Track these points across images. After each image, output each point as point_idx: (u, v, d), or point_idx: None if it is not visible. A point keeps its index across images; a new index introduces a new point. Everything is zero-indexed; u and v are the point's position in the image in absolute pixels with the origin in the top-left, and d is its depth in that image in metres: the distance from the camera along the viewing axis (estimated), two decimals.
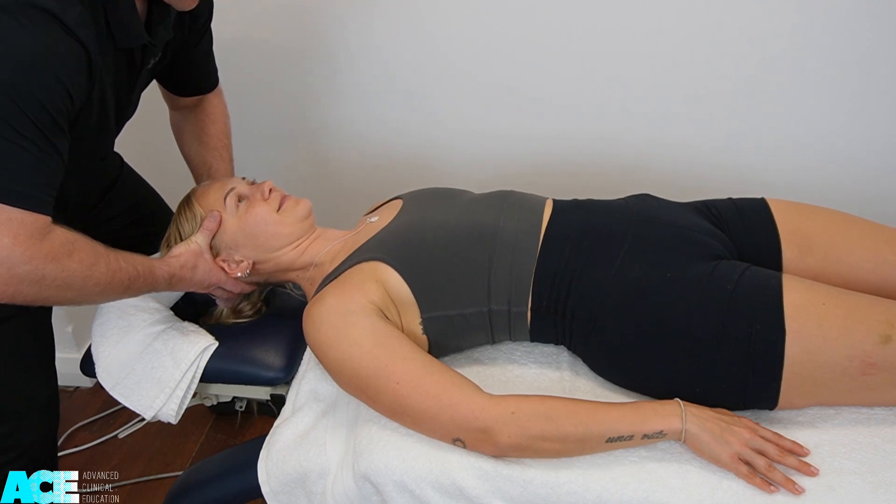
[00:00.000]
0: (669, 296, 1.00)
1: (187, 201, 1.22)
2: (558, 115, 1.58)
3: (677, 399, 0.96)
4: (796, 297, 0.96)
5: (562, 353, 1.13)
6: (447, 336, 1.09)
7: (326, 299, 1.03)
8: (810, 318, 0.94)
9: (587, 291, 1.04)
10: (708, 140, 1.54)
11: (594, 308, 1.04)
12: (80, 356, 1.24)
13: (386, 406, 0.98)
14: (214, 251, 1.19)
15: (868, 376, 0.93)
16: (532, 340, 1.13)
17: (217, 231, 1.17)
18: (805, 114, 1.48)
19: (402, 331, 1.05)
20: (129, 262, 1.05)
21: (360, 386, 0.99)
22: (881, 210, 1.51)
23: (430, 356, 1.00)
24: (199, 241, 1.16)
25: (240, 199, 1.19)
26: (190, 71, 1.33)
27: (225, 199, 1.18)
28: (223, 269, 1.19)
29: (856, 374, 0.93)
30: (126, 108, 1.17)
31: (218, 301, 1.26)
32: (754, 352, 0.94)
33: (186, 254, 1.15)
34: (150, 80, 1.27)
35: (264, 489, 1.08)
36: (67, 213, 1.24)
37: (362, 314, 1.01)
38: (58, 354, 1.34)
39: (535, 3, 1.46)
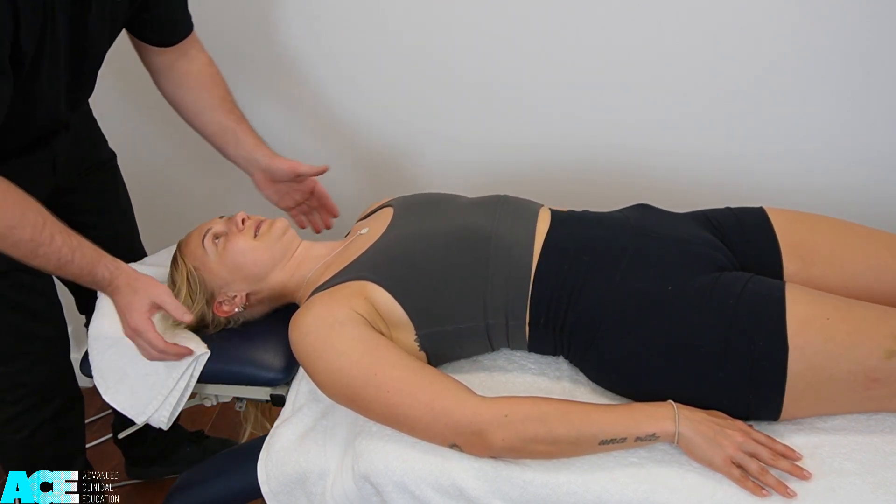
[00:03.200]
0: (671, 310, 0.99)
1: (174, 257, 1.21)
2: (554, 121, 1.57)
3: (671, 401, 0.96)
4: (800, 311, 0.95)
5: (561, 358, 1.13)
6: (445, 348, 1.08)
7: (313, 308, 1.03)
8: (815, 334, 0.93)
9: (586, 308, 1.03)
10: (706, 146, 1.54)
11: (593, 324, 1.03)
12: (80, 356, 1.25)
13: (378, 414, 0.98)
14: (209, 294, 1.18)
15: (872, 390, 0.93)
16: (530, 351, 1.12)
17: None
18: (804, 118, 1.47)
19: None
20: (67, 245, 1.02)
21: (350, 396, 0.99)
22: (881, 213, 1.51)
23: (418, 362, 1.00)
24: (163, 297, 1.09)
25: (217, 237, 1.18)
26: (160, 9, 1.24)
27: (203, 242, 1.18)
28: (221, 308, 1.18)
29: (859, 388, 0.93)
30: (83, 44, 1.11)
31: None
32: (758, 368, 0.94)
33: (145, 281, 1.10)
34: (123, 19, 1.20)
35: (264, 489, 1.08)
36: (56, 175, 1.24)
37: (350, 324, 1.00)
38: None
39: (529, 6, 1.45)
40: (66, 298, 1.39)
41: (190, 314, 1.11)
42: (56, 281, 1.31)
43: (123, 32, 1.27)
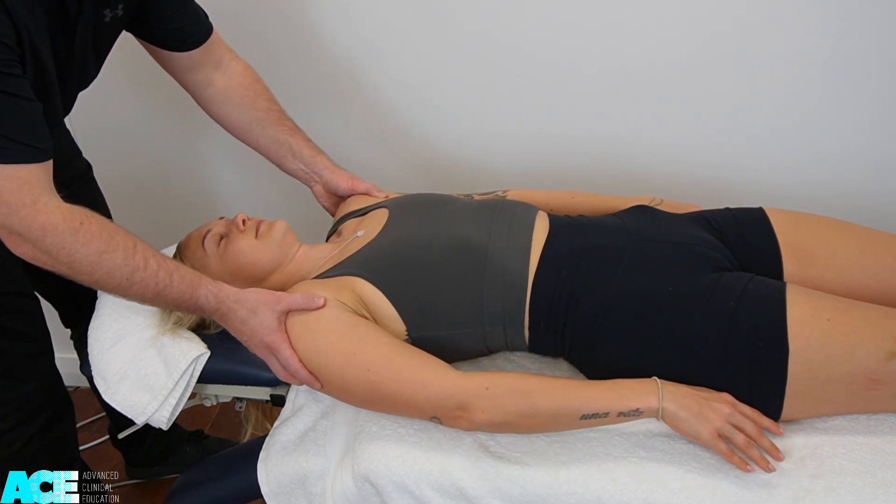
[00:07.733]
0: (671, 311, 0.99)
1: (174, 258, 1.19)
2: (552, 116, 1.57)
3: (655, 377, 0.96)
4: (800, 313, 0.95)
5: (561, 358, 1.12)
6: (439, 351, 1.07)
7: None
8: (814, 336, 0.93)
9: (586, 311, 1.03)
10: (705, 146, 1.54)
11: (594, 327, 1.03)
12: (67, 358, 1.24)
13: (361, 396, 0.99)
14: None
15: (872, 391, 0.93)
16: (530, 351, 1.12)
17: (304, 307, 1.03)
18: (803, 118, 1.47)
19: None
20: (164, 268, 0.98)
21: (330, 380, 1.00)
22: (880, 213, 1.51)
23: (398, 341, 1.00)
24: (289, 301, 1.02)
25: (217, 238, 1.18)
26: (169, 15, 1.19)
27: (203, 243, 1.18)
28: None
29: (859, 389, 0.93)
30: (68, 64, 1.07)
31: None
32: (758, 369, 0.94)
33: (255, 293, 1.04)
34: (111, 37, 1.16)
35: (264, 489, 1.08)
36: None
37: (330, 308, 1.01)
38: (58, 355, 1.35)
39: (537, 9, 1.46)
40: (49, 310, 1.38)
41: (322, 297, 1.02)
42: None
43: (147, 56, 1.24)
